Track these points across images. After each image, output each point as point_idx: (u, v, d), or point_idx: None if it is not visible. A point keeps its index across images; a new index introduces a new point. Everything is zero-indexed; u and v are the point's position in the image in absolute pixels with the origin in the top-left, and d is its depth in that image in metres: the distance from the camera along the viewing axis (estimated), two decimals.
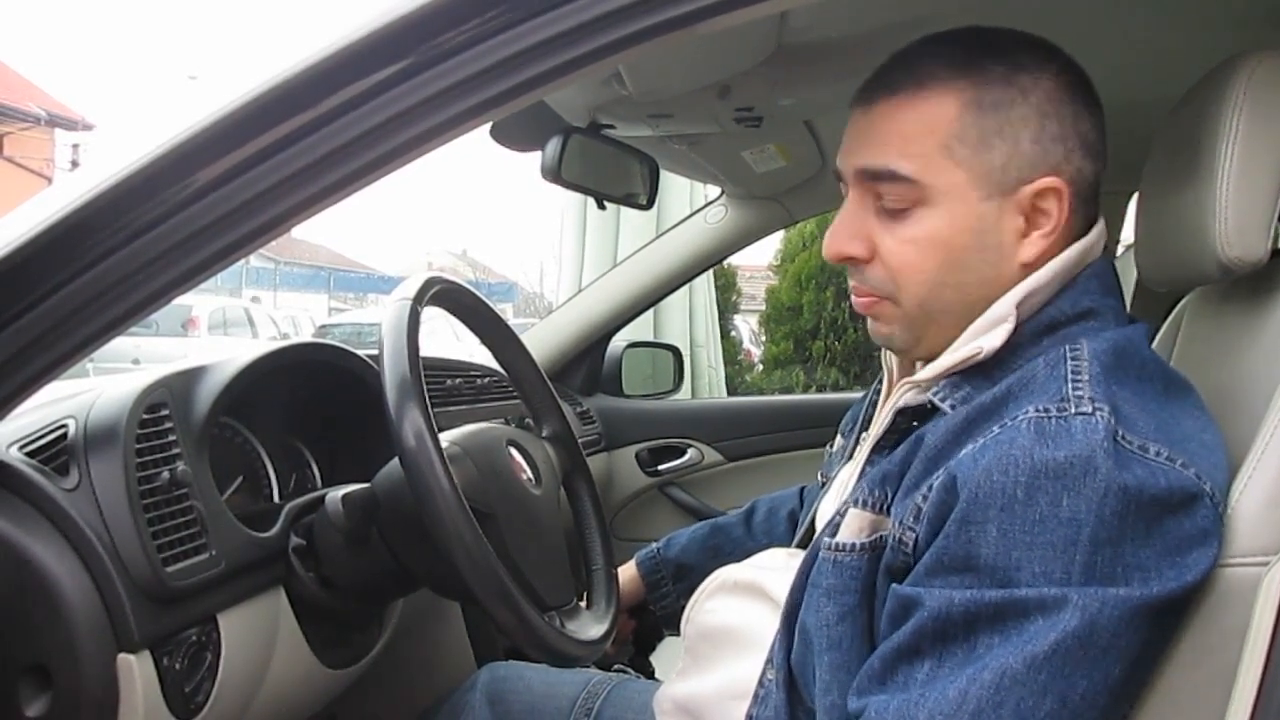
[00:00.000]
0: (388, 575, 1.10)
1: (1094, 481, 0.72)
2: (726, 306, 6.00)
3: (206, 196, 0.77)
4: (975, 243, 0.86)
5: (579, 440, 1.34)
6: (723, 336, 5.24)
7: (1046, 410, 0.76)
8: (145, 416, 1.00)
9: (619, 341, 2.28)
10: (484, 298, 1.25)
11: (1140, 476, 0.73)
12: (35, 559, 0.87)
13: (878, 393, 1.06)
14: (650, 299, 2.17)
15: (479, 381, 1.79)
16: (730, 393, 5.02)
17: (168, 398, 1.04)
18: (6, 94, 15.78)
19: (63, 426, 0.96)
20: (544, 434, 1.29)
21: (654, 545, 1.37)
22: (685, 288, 3.13)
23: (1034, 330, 0.86)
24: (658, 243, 2.18)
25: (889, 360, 1.02)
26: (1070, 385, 0.78)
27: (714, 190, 2.16)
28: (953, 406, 0.85)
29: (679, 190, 3.86)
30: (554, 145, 1.53)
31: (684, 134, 1.65)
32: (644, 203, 1.79)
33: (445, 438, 1.08)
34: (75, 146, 17.26)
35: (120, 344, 2.54)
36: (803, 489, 1.36)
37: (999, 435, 0.77)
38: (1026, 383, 0.82)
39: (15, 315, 0.78)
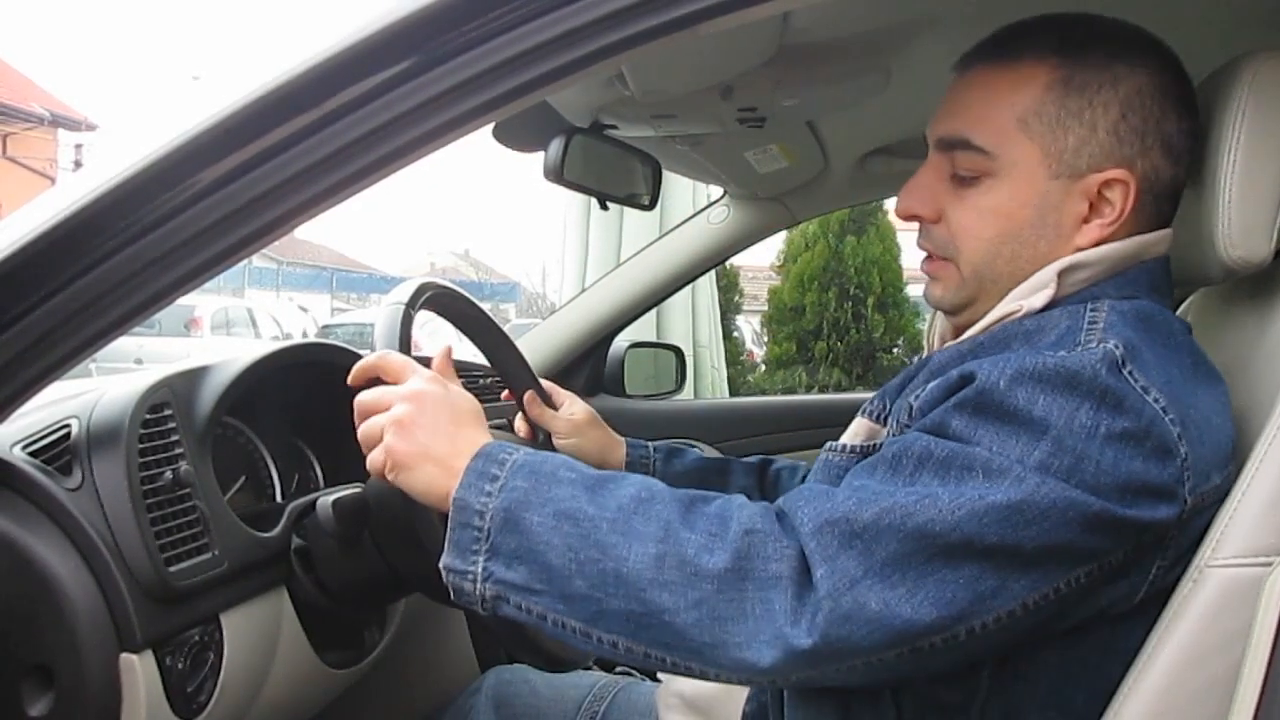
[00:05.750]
0: (381, 579, 1.10)
1: (1076, 392, 0.74)
2: (729, 307, 5.99)
3: (209, 197, 0.77)
4: (1035, 218, 0.88)
5: None
6: (725, 337, 5.24)
7: (1055, 351, 0.78)
8: (148, 416, 1.00)
9: (621, 342, 2.27)
10: (479, 304, 1.25)
11: (1125, 404, 0.75)
12: (38, 559, 0.88)
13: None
14: (653, 299, 2.17)
15: (480, 381, 1.79)
16: (733, 393, 5.01)
17: (170, 398, 1.04)
18: (10, 94, 15.80)
19: (66, 426, 0.96)
20: (539, 440, 1.29)
21: (650, 444, 1.33)
22: (688, 288, 3.12)
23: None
24: (660, 243, 2.17)
25: (932, 336, 1.03)
26: (1084, 333, 0.80)
27: (717, 190, 2.16)
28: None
29: (682, 190, 3.85)
30: (557, 146, 1.53)
31: (687, 134, 1.65)
32: (647, 203, 1.79)
33: None
34: (78, 147, 17.28)
35: (123, 344, 2.54)
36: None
37: (1000, 356, 0.79)
38: (1042, 327, 0.83)
39: (19, 315, 0.78)
